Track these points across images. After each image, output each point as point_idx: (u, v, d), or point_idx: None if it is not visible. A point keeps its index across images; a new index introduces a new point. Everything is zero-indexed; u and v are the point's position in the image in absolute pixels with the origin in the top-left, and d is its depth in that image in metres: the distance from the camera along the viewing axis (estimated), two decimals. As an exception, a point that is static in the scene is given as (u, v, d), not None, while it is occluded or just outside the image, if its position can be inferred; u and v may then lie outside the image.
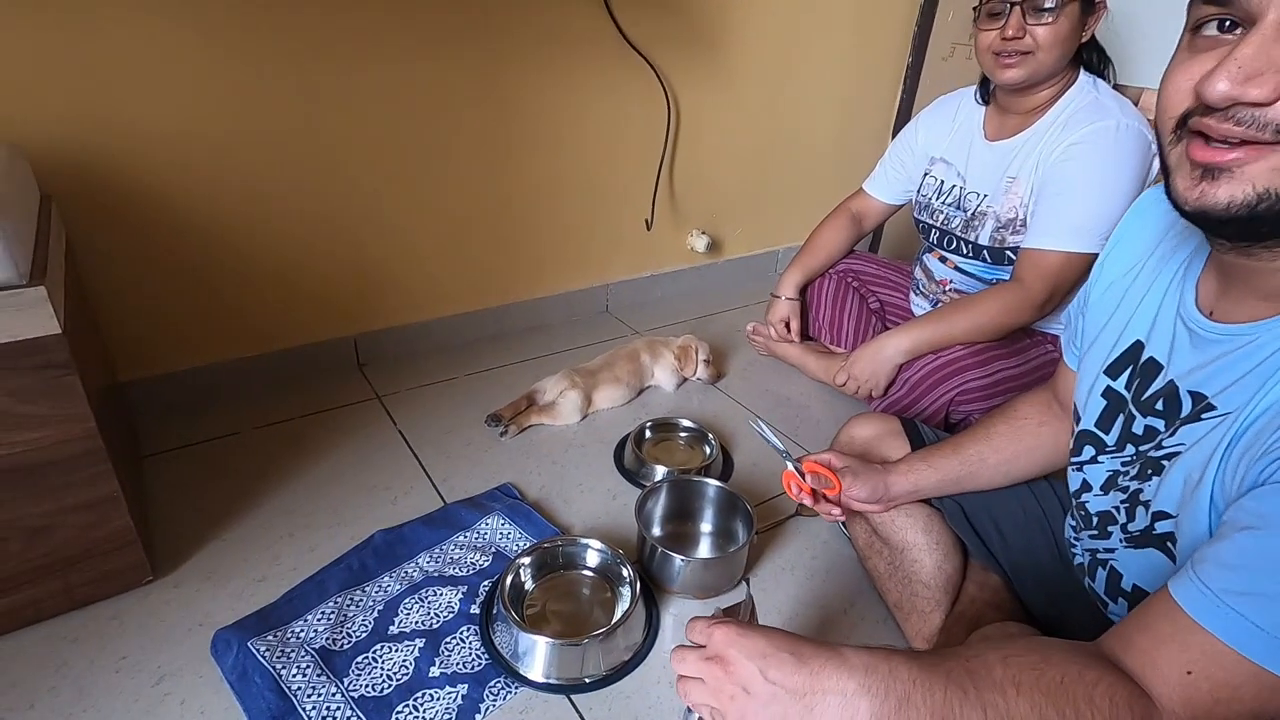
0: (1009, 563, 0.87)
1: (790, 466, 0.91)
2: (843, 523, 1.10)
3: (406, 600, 0.94)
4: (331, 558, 1.01)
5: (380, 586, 0.97)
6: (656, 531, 1.11)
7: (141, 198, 1.18)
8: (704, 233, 1.97)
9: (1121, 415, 0.65)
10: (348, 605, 0.93)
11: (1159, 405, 0.60)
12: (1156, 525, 0.59)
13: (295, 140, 1.28)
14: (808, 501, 0.89)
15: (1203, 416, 0.55)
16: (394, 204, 1.44)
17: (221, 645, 0.86)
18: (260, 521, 1.08)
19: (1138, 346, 0.64)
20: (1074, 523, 0.76)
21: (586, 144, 1.65)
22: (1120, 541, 0.65)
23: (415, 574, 0.99)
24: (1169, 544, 0.59)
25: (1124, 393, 0.65)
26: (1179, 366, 0.59)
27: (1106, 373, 0.67)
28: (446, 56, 1.37)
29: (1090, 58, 1.18)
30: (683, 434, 1.37)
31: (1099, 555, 0.69)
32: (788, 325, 1.59)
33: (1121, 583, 0.66)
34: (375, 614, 0.92)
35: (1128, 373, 0.65)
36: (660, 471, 1.22)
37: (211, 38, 1.14)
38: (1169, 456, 0.58)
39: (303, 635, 0.88)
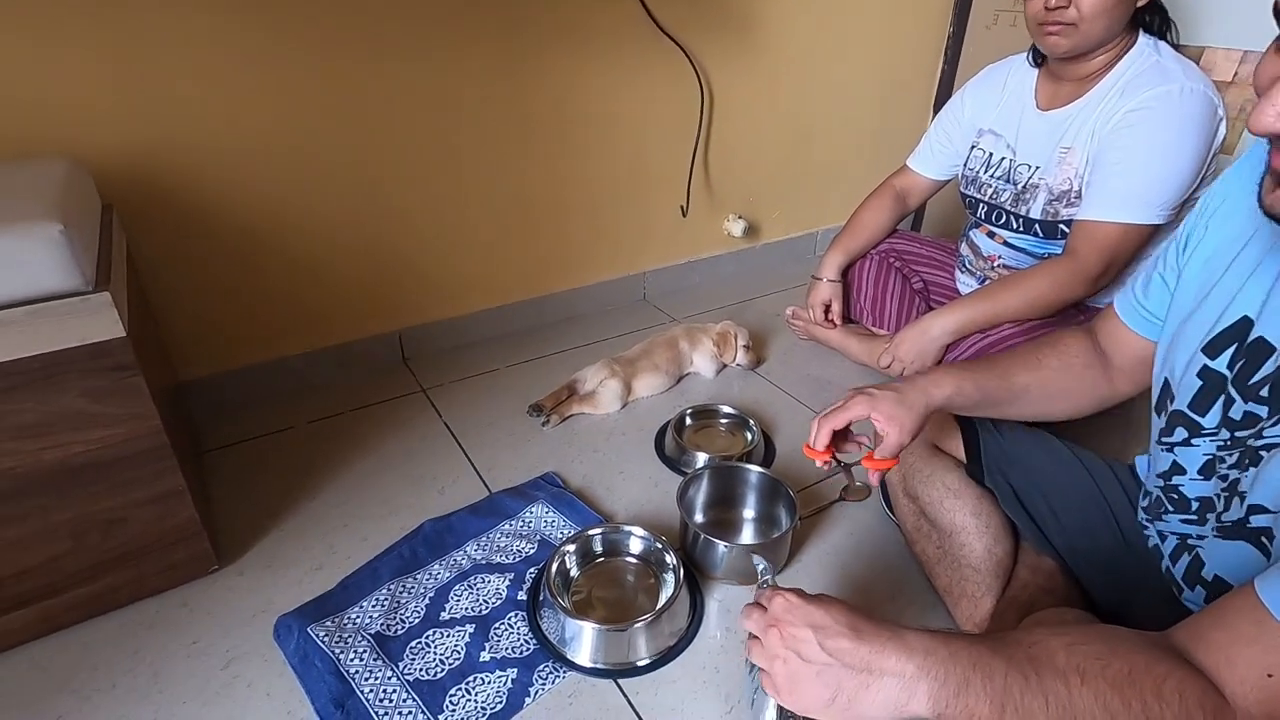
0: (1065, 546, 0.85)
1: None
2: (888, 508, 1.08)
3: (456, 587, 0.97)
4: (383, 547, 1.04)
5: (431, 574, 0.99)
6: (699, 518, 1.12)
7: (193, 205, 1.22)
8: (741, 217, 1.95)
9: (1221, 397, 0.60)
10: (400, 592, 0.96)
11: (1264, 391, 0.56)
12: (1251, 519, 0.56)
13: (332, 147, 1.30)
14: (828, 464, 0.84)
15: None
16: (429, 203, 1.46)
17: (283, 630, 0.90)
18: (315, 512, 1.12)
19: (1244, 323, 0.59)
20: (1146, 504, 0.72)
21: (619, 132, 1.64)
22: (1212, 530, 0.62)
23: (464, 562, 1.01)
24: (1264, 539, 0.55)
25: (1224, 373, 0.60)
26: None
27: (1204, 350, 0.62)
28: (477, 55, 1.38)
29: (1150, 20, 1.12)
30: (723, 420, 1.36)
31: (1188, 541, 0.66)
32: (828, 309, 1.56)
33: (1202, 571, 0.63)
34: (427, 601, 0.95)
35: (1230, 351, 0.60)
36: (701, 458, 1.21)
37: (251, 58, 1.17)
38: (1269, 447, 0.54)
39: (359, 621, 0.91)
